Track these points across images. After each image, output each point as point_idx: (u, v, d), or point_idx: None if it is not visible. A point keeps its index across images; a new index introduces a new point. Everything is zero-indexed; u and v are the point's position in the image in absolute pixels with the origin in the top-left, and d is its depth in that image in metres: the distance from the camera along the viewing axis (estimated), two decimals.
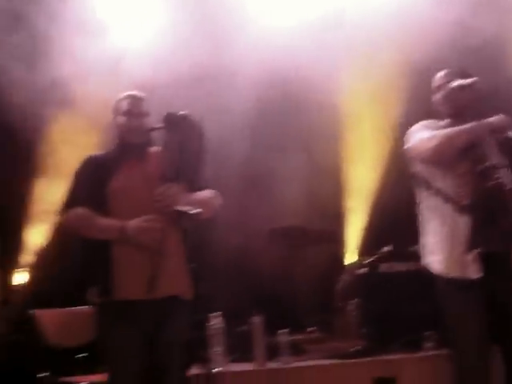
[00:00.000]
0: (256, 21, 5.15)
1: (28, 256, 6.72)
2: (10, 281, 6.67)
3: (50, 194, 6.34)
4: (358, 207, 6.30)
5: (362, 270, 4.87)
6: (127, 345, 3.04)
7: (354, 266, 5.14)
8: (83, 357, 4.17)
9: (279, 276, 5.40)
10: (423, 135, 3.17)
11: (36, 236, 6.66)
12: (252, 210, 4.90)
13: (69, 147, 5.81)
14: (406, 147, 3.27)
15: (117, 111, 3.31)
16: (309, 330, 5.06)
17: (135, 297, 3.03)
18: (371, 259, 4.92)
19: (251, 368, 4.14)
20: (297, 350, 4.52)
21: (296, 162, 5.53)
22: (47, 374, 3.88)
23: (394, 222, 5.76)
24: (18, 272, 6.71)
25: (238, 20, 5.12)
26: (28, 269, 6.74)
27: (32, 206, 6.52)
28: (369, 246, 5.77)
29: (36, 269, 6.67)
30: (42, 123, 5.83)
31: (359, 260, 5.13)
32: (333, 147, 5.90)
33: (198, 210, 3.00)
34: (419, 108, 3.47)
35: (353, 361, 4.29)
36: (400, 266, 4.73)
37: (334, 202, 6.08)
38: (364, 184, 6.23)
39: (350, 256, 6.17)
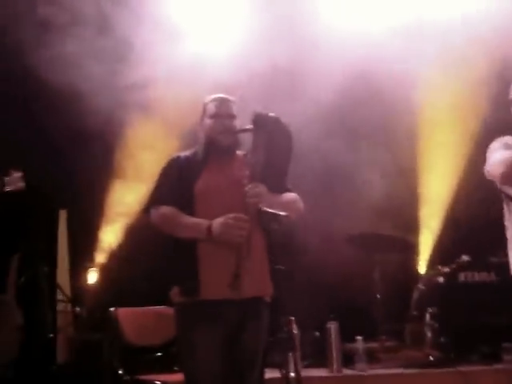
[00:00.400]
0: (341, 24, 5.11)
1: (102, 256, 6.85)
2: (85, 280, 6.80)
3: (126, 196, 6.49)
4: (433, 215, 6.20)
5: (440, 279, 4.78)
6: (209, 345, 3.04)
7: (430, 274, 5.04)
8: (159, 356, 4.21)
9: (354, 283, 5.34)
10: (496, 157, 3.06)
11: (110, 236, 6.79)
12: (328, 214, 4.86)
13: (147, 152, 5.93)
14: (484, 168, 3.17)
15: (204, 113, 3.32)
16: (382, 338, 4.99)
17: (219, 297, 3.03)
18: (449, 268, 4.83)
19: (326, 374, 4.10)
20: (370, 358, 4.47)
21: (372, 167, 5.47)
22: (125, 372, 3.91)
23: (470, 231, 5.67)
24: (92, 271, 6.84)
25: (322, 23, 5.10)
26: (102, 269, 6.86)
27: (108, 208, 6.65)
28: (443, 255, 5.66)
29: (110, 269, 6.78)
30: (122, 127, 5.93)
31: (436, 269, 5.02)
32: (409, 153, 5.82)
33: (286, 213, 3.00)
34: (500, 117, 3.35)
35: (429, 371, 4.21)
36: (480, 276, 4.62)
37: (408, 209, 5.99)
38: (439, 191, 6.13)
39: (424, 265, 6.08)
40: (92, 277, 6.86)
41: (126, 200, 6.60)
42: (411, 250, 5.69)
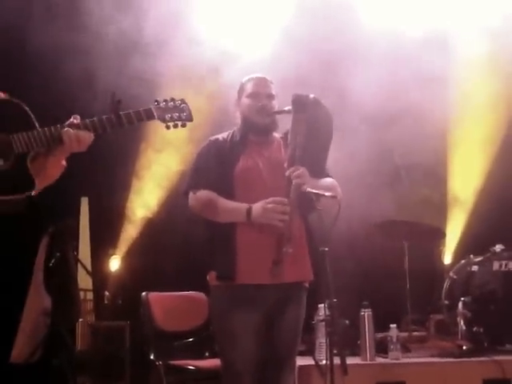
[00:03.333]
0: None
1: (124, 244, 6.84)
2: (107, 268, 6.79)
3: (149, 183, 6.49)
4: (462, 204, 6.15)
5: (474, 268, 4.72)
6: (245, 329, 2.99)
7: (463, 263, 4.97)
8: (190, 342, 4.17)
9: (385, 271, 5.30)
10: None
11: (133, 224, 6.78)
12: (361, 201, 4.80)
13: (168, 152, 5.93)
14: None
15: (241, 93, 3.26)
16: (411, 328, 4.93)
17: (258, 281, 2.99)
18: (483, 257, 4.77)
19: (360, 362, 4.05)
20: (401, 347, 4.40)
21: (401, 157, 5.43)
22: (156, 357, 3.87)
23: (501, 221, 5.61)
24: (114, 259, 6.82)
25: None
26: (124, 256, 6.85)
27: (131, 195, 6.64)
28: (474, 244, 5.59)
29: (132, 256, 6.77)
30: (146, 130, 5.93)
31: (468, 258, 4.96)
32: (438, 145, 5.77)
33: (332, 194, 2.93)
34: None
35: (463, 360, 4.15)
36: None
37: (438, 198, 5.94)
38: (469, 182, 6.08)
39: (452, 254, 6.03)
40: (114, 264, 6.86)
41: (149, 187, 6.60)
42: (440, 238, 5.62)
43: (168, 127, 2.52)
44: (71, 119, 2.36)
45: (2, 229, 2.16)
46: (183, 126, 2.55)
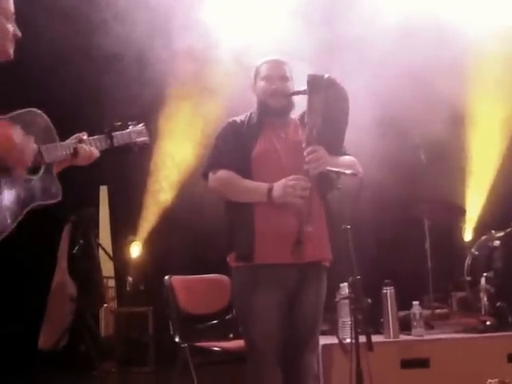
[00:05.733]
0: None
1: (144, 230, 6.89)
2: (128, 254, 6.85)
3: (167, 169, 6.52)
4: (482, 182, 6.13)
5: (496, 243, 4.70)
6: (269, 309, 3.01)
7: (484, 239, 4.96)
8: (214, 324, 4.20)
9: (406, 249, 5.29)
10: None
11: (152, 210, 6.82)
12: (381, 181, 4.79)
13: (183, 144, 5.96)
14: None
15: (257, 76, 3.27)
16: (433, 305, 4.93)
17: (278, 260, 3.01)
18: (504, 232, 4.75)
19: (383, 339, 4.06)
20: (424, 324, 4.41)
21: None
22: (182, 340, 3.91)
23: None
24: (134, 245, 6.88)
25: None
26: (144, 242, 6.90)
27: (149, 182, 6.68)
28: (494, 220, 5.57)
29: (152, 242, 6.82)
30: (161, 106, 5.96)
31: (490, 233, 4.94)
32: (457, 123, 5.74)
33: (353, 171, 2.94)
34: None
35: (487, 335, 4.15)
36: None
37: (457, 176, 5.92)
38: (488, 159, 6.05)
39: (472, 231, 6.02)
40: (135, 251, 6.92)
41: (167, 172, 6.63)
42: (461, 215, 5.60)
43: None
44: (79, 135, 2.54)
45: (25, 218, 2.22)
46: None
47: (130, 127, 2.79)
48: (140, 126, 2.84)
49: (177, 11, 4.94)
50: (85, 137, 2.54)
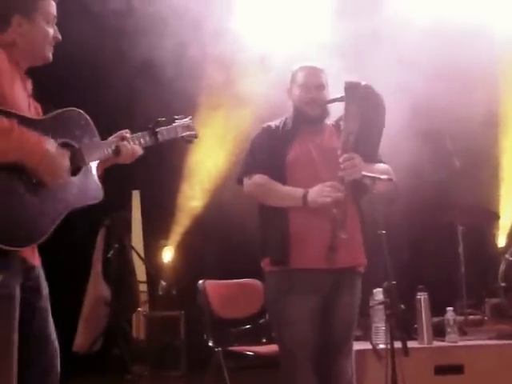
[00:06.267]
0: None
1: (177, 235, 6.94)
2: (160, 259, 6.90)
3: (196, 183, 6.58)
4: None
5: None
6: (303, 314, 3.01)
7: None
8: (247, 328, 4.21)
9: (439, 255, 5.26)
10: None
11: (185, 216, 6.87)
12: (415, 187, 4.77)
13: (214, 151, 5.98)
14: None
15: (293, 82, 3.28)
16: (469, 311, 4.89)
17: (312, 265, 3.01)
18: None
19: (416, 345, 4.04)
20: (458, 330, 4.37)
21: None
22: (215, 344, 3.92)
23: None
24: (167, 250, 6.93)
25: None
26: (177, 247, 6.94)
27: (182, 187, 6.73)
28: None
29: (185, 247, 6.86)
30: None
31: None
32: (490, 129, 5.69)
33: (388, 176, 2.94)
34: None
35: None
36: None
37: (490, 182, 5.87)
38: None
39: (509, 237, 5.96)
40: (167, 255, 6.96)
41: (199, 178, 6.68)
42: (494, 221, 5.55)
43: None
44: (121, 132, 2.51)
45: (61, 222, 2.24)
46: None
47: (177, 121, 2.72)
48: (187, 119, 2.78)
49: (207, 19, 4.97)
50: (127, 134, 2.51)
